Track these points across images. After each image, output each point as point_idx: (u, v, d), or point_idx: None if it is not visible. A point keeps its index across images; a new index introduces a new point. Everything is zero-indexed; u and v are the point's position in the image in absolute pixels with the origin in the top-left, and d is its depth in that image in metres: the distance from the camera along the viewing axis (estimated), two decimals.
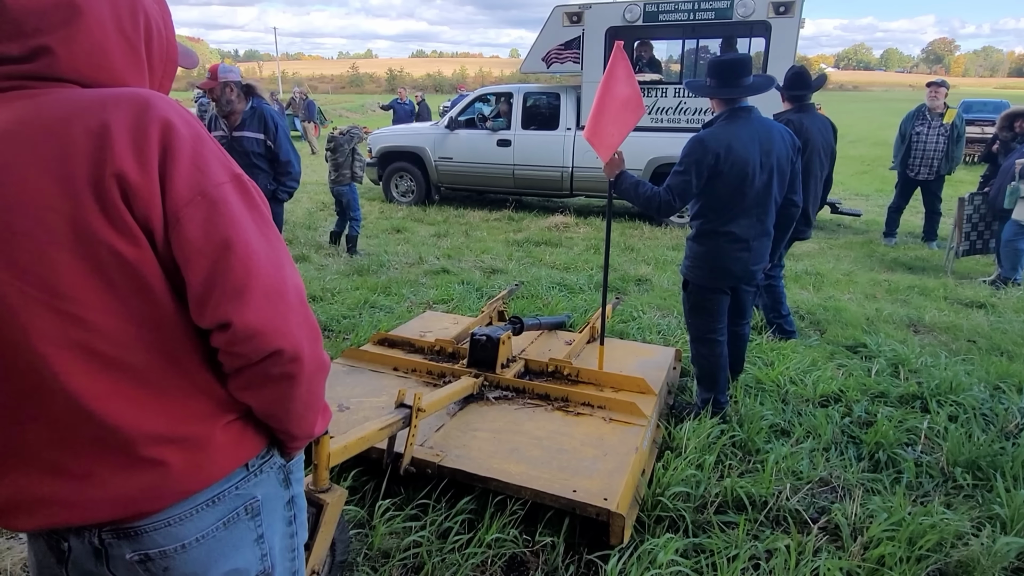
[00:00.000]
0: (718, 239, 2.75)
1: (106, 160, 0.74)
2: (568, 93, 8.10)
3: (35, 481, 0.82)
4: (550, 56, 8.04)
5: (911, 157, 6.68)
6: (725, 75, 2.71)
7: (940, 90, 6.49)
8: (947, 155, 6.49)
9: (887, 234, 7.14)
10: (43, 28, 0.79)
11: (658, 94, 7.59)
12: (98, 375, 0.79)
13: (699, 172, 2.62)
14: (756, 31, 7.29)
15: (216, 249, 0.79)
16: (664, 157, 7.43)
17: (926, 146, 6.58)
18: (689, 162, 2.63)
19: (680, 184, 2.65)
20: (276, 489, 0.97)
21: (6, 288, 0.75)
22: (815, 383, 3.25)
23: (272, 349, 0.82)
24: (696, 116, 7.50)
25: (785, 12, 6.87)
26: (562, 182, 8.19)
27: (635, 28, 7.66)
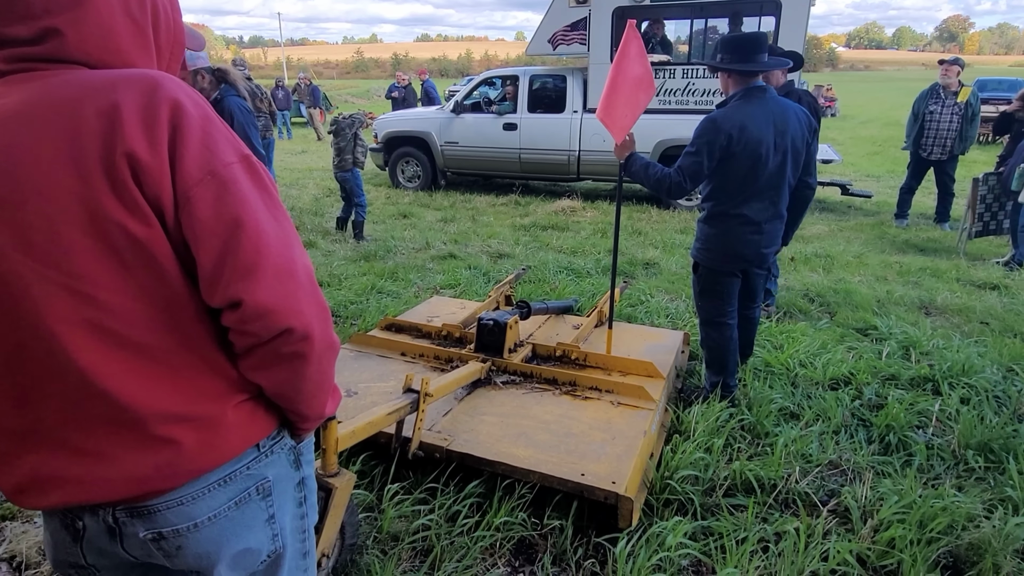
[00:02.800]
0: (730, 221, 2.69)
1: (116, 140, 0.74)
2: (575, 75, 8.00)
3: (50, 460, 0.82)
4: (556, 38, 7.92)
5: (924, 137, 6.56)
6: (741, 51, 2.59)
7: (953, 68, 6.35)
8: (960, 135, 6.37)
9: (899, 215, 7.05)
10: (52, 9, 0.78)
11: (666, 75, 7.46)
12: (111, 354, 0.79)
13: (711, 153, 2.54)
14: (766, 9, 7.12)
15: (226, 228, 0.78)
16: (672, 139, 7.34)
17: (939, 125, 6.45)
18: (701, 143, 2.55)
19: (692, 165, 2.58)
20: (287, 470, 0.97)
21: (20, 268, 0.75)
22: (825, 366, 3.22)
23: (283, 328, 0.82)
24: (704, 98, 7.38)
25: None
26: (569, 166, 8.12)
27: (642, 8, 7.53)
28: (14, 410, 0.82)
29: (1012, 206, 5.47)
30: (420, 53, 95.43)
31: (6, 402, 0.82)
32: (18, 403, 0.82)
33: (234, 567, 0.92)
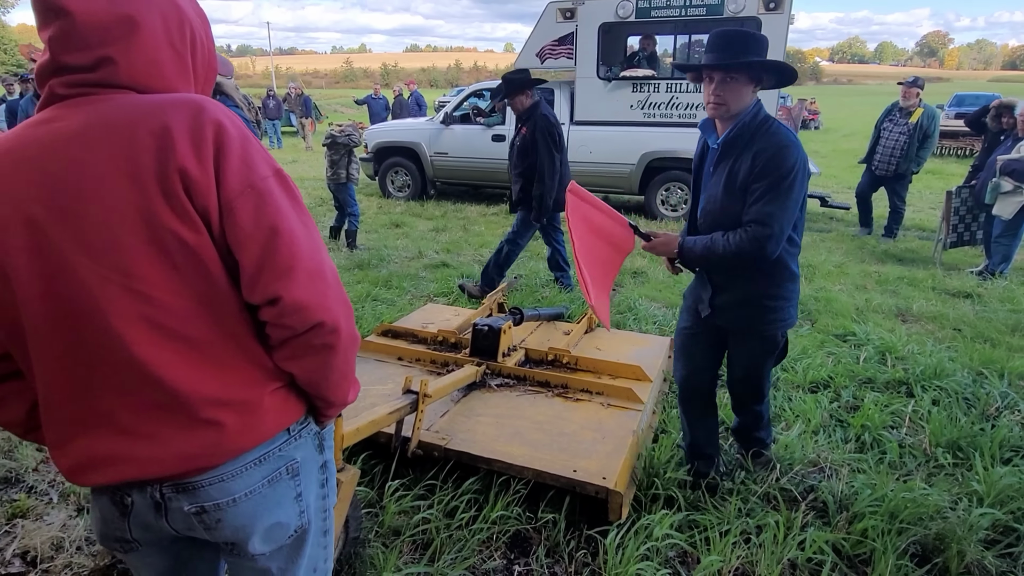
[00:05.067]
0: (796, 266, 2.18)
1: (170, 157, 0.85)
2: (562, 88, 8.19)
3: (105, 441, 0.92)
4: (544, 52, 8.12)
5: (876, 153, 6.82)
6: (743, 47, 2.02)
7: (912, 90, 6.57)
8: (906, 153, 6.55)
9: (862, 223, 7.25)
10: (106, 40, 0.88)
11: (650, 89, 7.71)
12: (163, 346, 0.89)
13: (804, 185, 2.01)
14: (746, 26, 7.38)
15: (265, 234, 0.89)
16: (656, 151, 7.57)
17: (887, 143, 6.71)
18: (796, 177, 1.94)
19: (790, 211, 1.96)
20: (312, 453, 1.08)
21: (84, 270, 0.85)
22: (805, 370, 3.36)
23: (315, 321, 0.92)
24: (688, 111, 7.60)
25: (775, 8, 7.02)
26: None
27: (628, 24, 7.77)
28: (72, 398, 0.92)
29: (985, 218, 5.69)
30: (409, 63, 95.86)
31: (65, 390, 0.92)
32: (76, 391, 0.91)
33: (266, 540, 1.02)
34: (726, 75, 1.99)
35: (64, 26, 0.86)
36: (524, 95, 4.51)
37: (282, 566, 1.08)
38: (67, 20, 0.86)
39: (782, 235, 1.96)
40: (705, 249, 2.08)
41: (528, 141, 4.44)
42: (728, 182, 2.05)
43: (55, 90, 0.89)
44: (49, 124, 0.88)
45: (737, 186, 2.02)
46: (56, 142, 0.86)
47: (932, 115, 6.52)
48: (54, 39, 0.87)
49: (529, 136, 4.43)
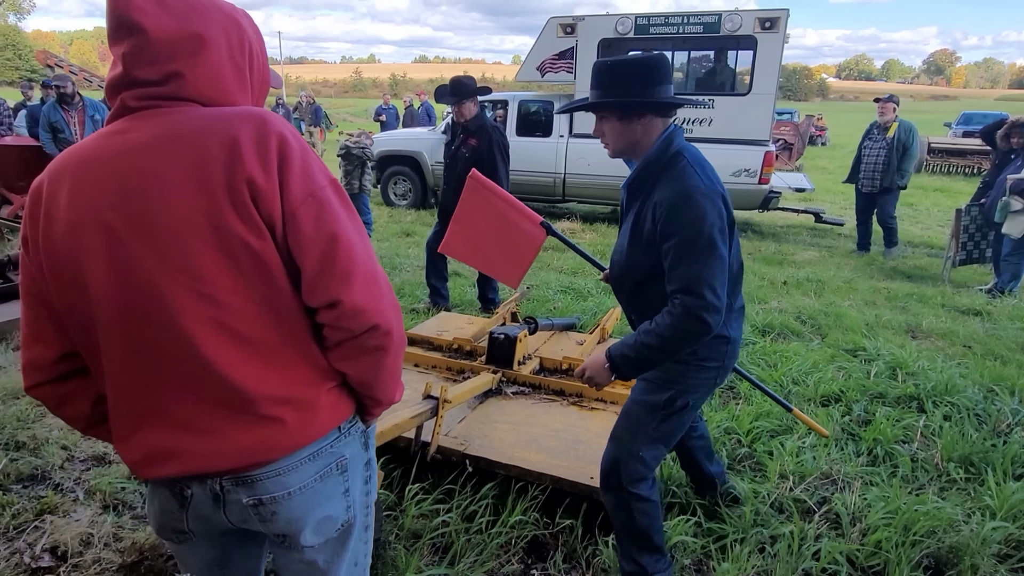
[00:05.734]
0: (738, 317, 1.87)
1: (238, 167, 0.90)
2: (562, 102, 8.39)
3: (170, 436, 0.97)
4: (544, 66, 8.32)
5: (860, 171, 6.88)
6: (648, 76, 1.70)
7: (888, 105, 6.66)
8: (888, 168, 6.59)
9: (859, 246, 7.22)
10: (175, 56, 0.94)
11: None
12: (228, 346, 0.94)
13: (723, 235, 1.62)
14: (743, 45, 7.58)
15: (326, 241, 0.94)
16: None
17: (868, 160, 6.78)
18: (710, 227, 1.58)
19: (714, 267, 1.58)
20: (359, 451, 1.12)
21: (155, 274, 0.90)
22: (816, 384, 3.40)
23: (371, 324, 0.97)
24: (685, 125, 7.74)
25: (771, 28, 7.19)
26: (554, 188, 8.48)
27: (626, 40, 7.96)
28: (139, 394, 0.97)
29: (994, 236, 5.72)
30: (418, 74, 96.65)
31: (132, 387, 0.97)
32: (143, 388, 0.96)
33: (316, 532, 1.07)
34: (597, 115, 1.78)
35: (138, 42, 0.92)
36: (472, 102, 4.26)
37: (328, 559, 1.12)
38: (141, 37, 0.92)
39: (719, 300, 1.57)
40: (638, 351, 1.67)
41: (481, 153, 4.21)
42: (633, 232, 1.76)
43: (126, 102, 0.95)
44: (123, 135, 0.93)
45: (643, 239, 1.70)
46: (130, 152, 0.91)
47: (909, 128, 6.56)
48: (128, 54, 0.93)
49: (484, 148, 4.22)
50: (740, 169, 7.45)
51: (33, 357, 1.00)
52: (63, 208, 0.91)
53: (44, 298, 0.98)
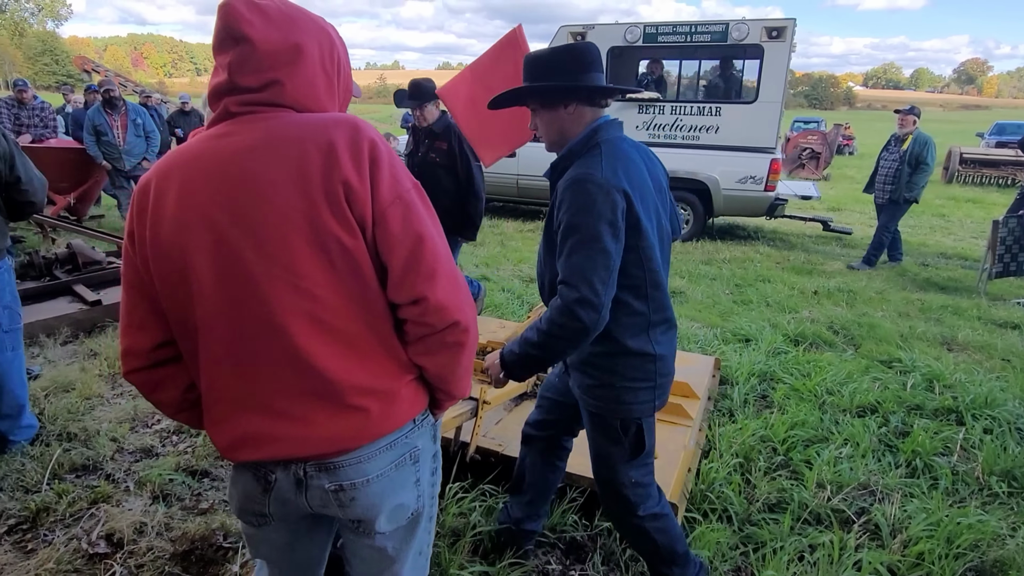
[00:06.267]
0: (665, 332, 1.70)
1: (335, 170, 0.95)
2: None
3: (262, 422, 1.02)
4: None
5: (876, 181, 6.82)
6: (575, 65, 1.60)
7: (907, 117, 6.56)
8: (898, 180, 6.50)
9: (890, 257, 7.10)
10: (276, 65, 1.00)
11: (655, 111, 7.99)
12: (321, 338, 0.99)
13: (615, 229, 1.48)
14: (750, 53, 7.65)
15: (412, 240, 0.99)
16: None
17: (881, 171, 6.71)
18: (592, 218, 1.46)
19: (593, 260, 1.45)
20: (428, 443, 1.17)
21: (256, 268, 0.96)
22: (852, 394, 3.37)
23: (453, 320, 1.02)
24: (692, 133, 7.85)
25: (777, 37, 7.23)
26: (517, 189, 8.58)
27: (636, 48, 8.08)
28: (233, 381, 1.02)
29: None
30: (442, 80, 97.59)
31: (227, 375, 1.02)
32: (237, 376, 1.02)
33: (390, 519, 1.11)
34: (529, 108, 1.70)
35: (243, 52, 0.98)
36: (435, 105, 3.91)
37: (396, 546, 1.16)
38: (247, 46, 0.98)
39: (598, 297, 1.44)
40: (522, 347, 1.58)
41: (455, 155, 3.88)
42: (547, 227, 1.64)
43: (229, 107, 1.01)
44: (226, 138, 0.99)
45: (554, 233, 1.56)
46: (234, 154, 0.97)
47: (924, 142, 6.44)
48: (233, 63, 0.99)
49: (456, 148, 3.88)
50: (746, 176, 7.54)
51: (131, 344, 1.06)
52: (171, 206, 0.97)
53: (145, 289, 1.03)
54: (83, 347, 3.84)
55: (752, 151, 7.55)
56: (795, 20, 7.32)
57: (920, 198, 6.65)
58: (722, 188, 7.68)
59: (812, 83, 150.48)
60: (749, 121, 7.53)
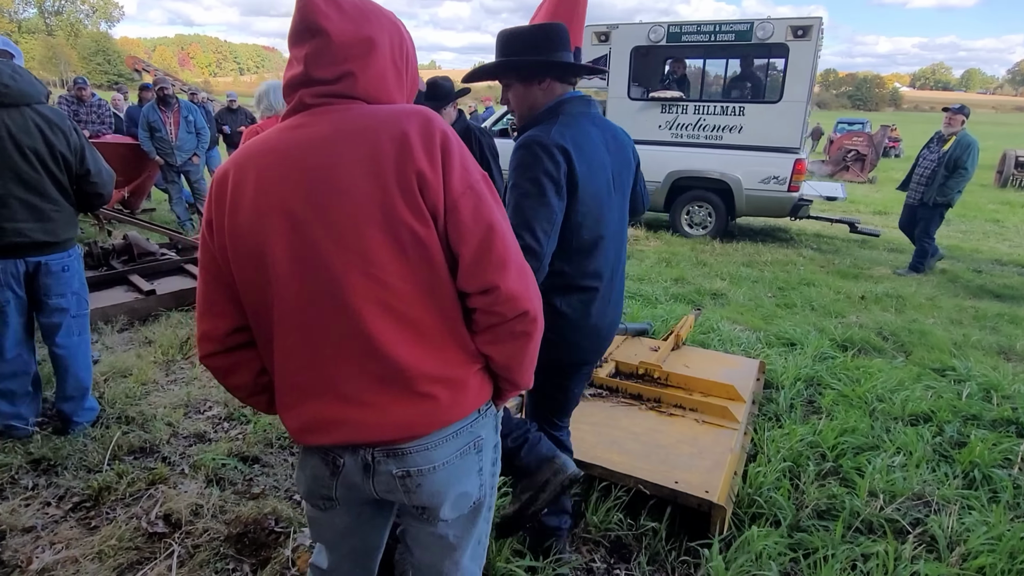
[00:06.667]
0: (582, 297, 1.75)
1: (408, 160, 0.97)
2: None
3: (334, 407, 1.04)
4: None
5: (912, 180, 6.56)
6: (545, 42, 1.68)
7: (956, 117, 6.24)
8: (931, 181, 6.24)
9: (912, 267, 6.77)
10: (350, 57, 1.02)
11: (679, 110, 7.93)
12: (392, 326, 1.01)
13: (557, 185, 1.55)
14: (775, 52, 7.55)
15: (483, 230, 1.00)
16: (682, 171, 7.89)
17: (919, 170, 6.44)
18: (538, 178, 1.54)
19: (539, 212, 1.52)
20: (491, 433, 1.18)
21: (331, 256, 0.98)
22: (904, 402, 3.27)
23: (523, 310, 1.03)
24: (715, 133, 7.79)
25: (803, 36, 7.12)
26: None
27: (659, 48, 8.04)
28: (305, 367, 1.05)
29: None
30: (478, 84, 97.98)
31: (300, 360, 1.05)
32: (310, 361, 1.04)
33: (454, 507, 1.13)
34: (503, 83, 1.75)
35: (320, 44, 1.01)
36: (452, 106, 3.81)
37: (458, 534, 1.18)
38: (324, 39, 1.00)
39: (540, 246, 1.50)
40: None
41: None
42: None
43: (304, 99, 1.04)
44: (302, 129, 1.02)
45: None
46: (311, 145, 1.00)
47: (967, 145, 6.09)
48: (309, 55, 1.01)
49: (476, 153, 3.73)
50: (769, 176, 7.46)
51: (208, 329, 1.09)
52: (249, 195, 1.00)
53: (222, 276, 1.07)
54: (138, 335, 3.98)
55: (776, 151, 7.47)
56: (821, 19, 7.20)
57: (955, 203, 6.38)
58: (744, 188, 7.60)
59: (856, 83, 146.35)
60: (773, 121, 7.45)
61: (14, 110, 2.40)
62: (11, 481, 2.43)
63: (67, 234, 2.63)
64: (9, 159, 2.39)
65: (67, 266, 2.66)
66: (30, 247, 2.52)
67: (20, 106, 2.41)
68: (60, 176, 2.53)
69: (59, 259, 2.62)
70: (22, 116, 2.41)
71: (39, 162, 2.45)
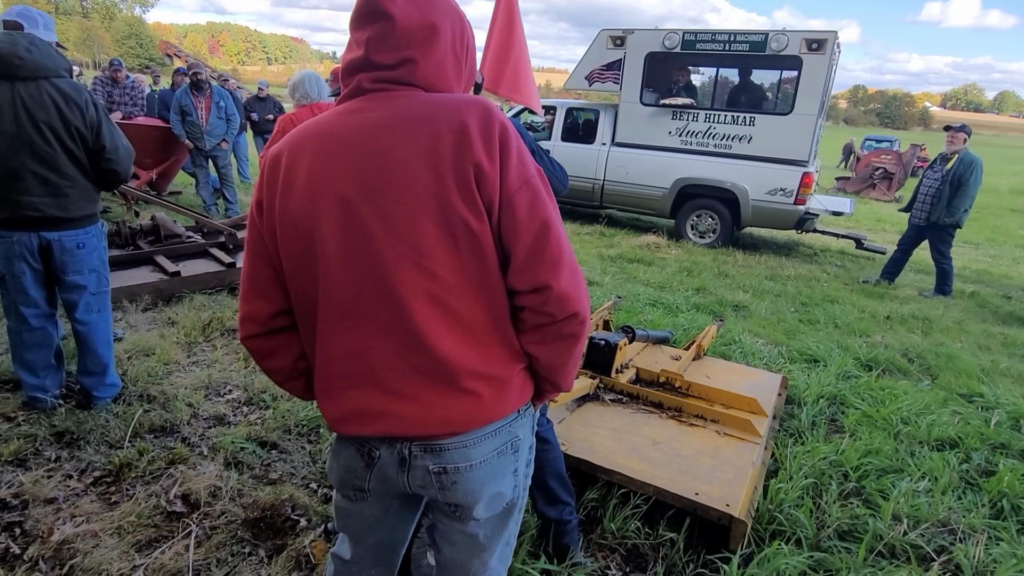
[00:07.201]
0: None
1: (467, 152, 0.95)
2: (607, 111, 8.56)
3: (375, 398, 1.02)
4: (592, 75, 8.56)
5: (916, 200, 6.44)
6: None
7: (958, 135, 6.13)
8: (938, 201, 6.11)
9: (883, 273, 6.77)
10: (412, 43, 1.01)
11: (689, 118, 7.94)
12: (438, 318, 0.99)
13: None
14: (788, 64, 7.51)
15: (538, 227, 0.98)
16: (689, 178, 7.94)
17: (923, 189, 6.32)
18: None
19: None
20: (528, 434, 1.16)
21: (382, 244, 0.97)
22: (929, 426, 3.20)
23: (573, 311, 1.00)
24: (724, 142, 7.79)
25: (818, 49, 7.11)
26: (593, 194, 8.65)
27: (673, 55, 8.05)
28: (348, 355, 1.03)
29: None
30: None
31: (343, 348, 1.03)
32: (353, 350, 1.02)
33: (488, 506, 1.11)
34: None
35: (383, 28, 0.99)
36: None
37: (489, 534, 1.16)
38: (387, 23, 0.99)
39: None
40: None
41: None
42: None
43: (362, 84, 1.02)
44: (360, 114, 1.00)
45: None
46: (368, 130, 0.98)
47: (969, 163, 5.98)
48: (372, 39, 1.00)
49: None
50: (776, 188, 7.48)
51: (251, 311, 1.08)
52: (302, 178, 0.99)
53: (269, 258, 1.06)
54: (162, 315, 4.02)
55: (784, 163, 7.44)
56: (836, 33, 7.17)
57: (963, 223, 6.24)
58: (751, 199, 7.58)
59: (885, 101, 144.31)
60: (783, 133, 7.44)
61: (31, 83, 2.37)
62: (35, 452, 2.46)
63: (82, 211, 2.60)
64: (24, 133, 2.37)
65: (83, 243, 2.63)
66: (44, 222, 2.50)
67: (37, 79, 2.38)
68: (76, 152, 2.50)
69: (74, 236, 2.60)
70: (38, 89, 2.38)
71: (54, 137, 2.42)
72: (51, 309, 2.74)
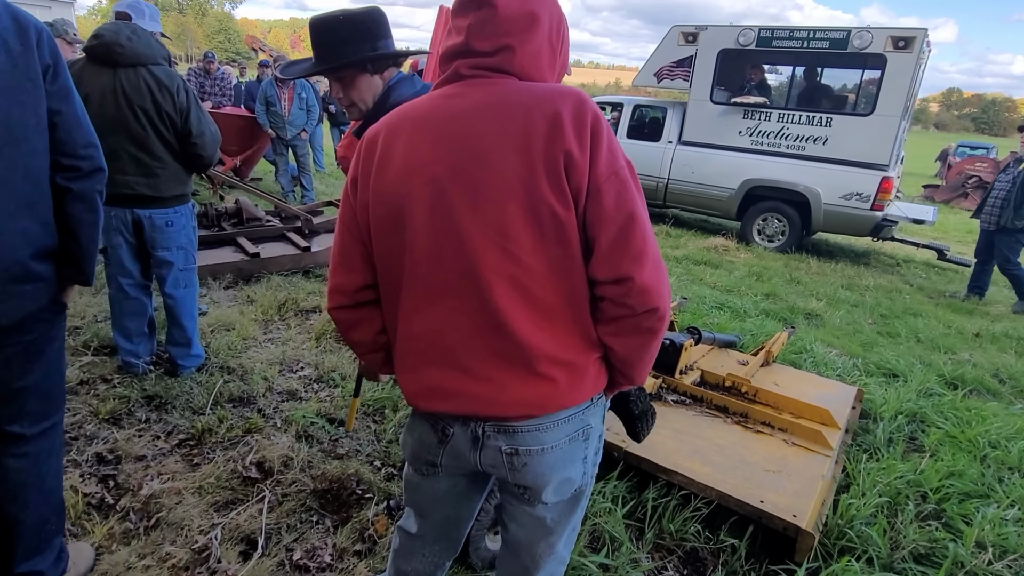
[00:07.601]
0: None
1: (558, 140, 0.96)
2: (675, 108, 8.34)
3: (452, 377, 1.05)
4: (662, 72, 8.37)
5: (986, 204, 5.94)
6: None
7: None
8: (1006, 202, 5.64)
9: (969, 288, 6.33)
10: (511, 31, 1.02)
11: (762, 117, 7.61)
12: (520, 303, 1.00)
13: None
14: (871, 63, 7.04)
15: (624, 218, 0.98)
16: (758, 179, 7.61)
17: (995, 193, 5.83)
18: None
19: None
20: (599, 423, 1.16)
21: (469, 225, 0.99)
22: (1021, 452, 2.97)
23: (653, 306, 1.00)
24: (798, 143, 7.43)
25: (904, 47, 6.65)
26: (657, 192, 8.43)
27: (748, 52, 7.73)
28: (429, 332, 1.06)
29: None
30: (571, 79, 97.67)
31: (424, 325, 1.06)
32: (434, 328, 1.05)
33: (556, 491, 1.12)
34: (337, 75, 1.69)
35: (485, 15, 1.01)
36: None
37: (555, 518, 1.17)
38: (489, 11, 1.01)
39: None
40: None
41: None
42: None
43: (459, 70, 1.05)
44: (456, 98, 1.03)
45: None
46: (463, 114, 1.01)
47: None
48: (472, 26, 1.02)
49: None
50: (852, 192, 7.06)
51: (340, 283, 1.13)
52: (397, 157, 1.03)
53: (359, 234, 1.10)
54: (242, 293, 4.25)
55: (862, 166, 7.03)
56: (926, 31, 6.70)
57: None
58: (823, 202, 7.20)
59: (983, 105, 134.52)
60: (862, 135, 7.03)
61: (130, 70, 2.57)
62: (128, 412, 2.66)
63: (172, 191, 2.78)
64: (122, 116, 2.57)
65: (171, 221, 2.81)
66: (136, 199, 2.71)
67: (136, 66, 2.58)
68: (167, 135, 2.68)
69: (163, 214, 2.78)
70: (136, 75, 2.58)
71: (147, 120, 2.62)
72: (145, 281, 2.94)
